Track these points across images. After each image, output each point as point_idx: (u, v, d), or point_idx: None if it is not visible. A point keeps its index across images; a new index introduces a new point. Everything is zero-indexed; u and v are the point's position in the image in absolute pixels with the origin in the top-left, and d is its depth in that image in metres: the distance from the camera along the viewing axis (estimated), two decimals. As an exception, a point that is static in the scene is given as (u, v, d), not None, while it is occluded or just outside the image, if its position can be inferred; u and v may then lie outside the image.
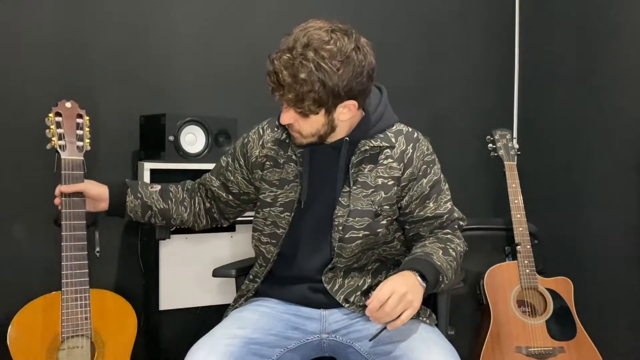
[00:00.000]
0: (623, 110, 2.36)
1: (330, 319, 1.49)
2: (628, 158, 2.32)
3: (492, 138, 2.30)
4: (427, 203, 1.50)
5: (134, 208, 1.58)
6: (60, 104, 1.56)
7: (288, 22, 2.42)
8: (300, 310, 1.51)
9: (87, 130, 1.58)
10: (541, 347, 2.04)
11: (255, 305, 1.53)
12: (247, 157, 1.54)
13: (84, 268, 1.56)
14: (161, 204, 1.60)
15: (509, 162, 2.24)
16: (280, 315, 1.49)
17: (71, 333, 1.55)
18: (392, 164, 1.46)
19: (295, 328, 1.48)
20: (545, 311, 2.11)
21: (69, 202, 1.55)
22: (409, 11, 2.67)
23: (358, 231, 1.44)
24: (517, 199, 2.19)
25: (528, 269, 2.12)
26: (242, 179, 1.56)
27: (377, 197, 1.45)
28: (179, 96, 2.22)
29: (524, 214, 2.18)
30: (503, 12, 2.91)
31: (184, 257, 2.06)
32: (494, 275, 2.13)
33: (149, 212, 1.60)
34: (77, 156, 1.56)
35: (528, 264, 2.13)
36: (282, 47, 1.32)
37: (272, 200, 1.49)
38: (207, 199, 1.65)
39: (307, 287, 1.50)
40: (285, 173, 1.48)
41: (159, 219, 1.62)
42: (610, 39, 2.42)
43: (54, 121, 1.54)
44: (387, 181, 1.46)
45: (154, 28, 2.18)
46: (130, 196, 1.58)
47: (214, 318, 2.20)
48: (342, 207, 1.44)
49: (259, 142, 1.52)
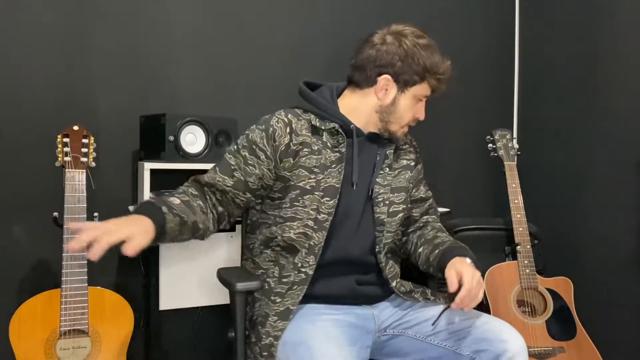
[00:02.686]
0: (623, 110, 2.36)
1: (381, 317, 1.54)
2: (628, 158, 2.32)
3: (492, 138, 2.31)
4: (420, 186, 1.69)
5: (174, 227, 1.36)
6: (68, 128, 1.75)
7: (288, 22, 2.44)
8: (354, 313, 1.51)
9: (91, 149, 1.76)
10: (541, 347, 2.04)
11: (316, 315, 1.47)
12: (274, 145, 1.48)
13: (83, 267, 1.66)
14: (191, 216, 1.42)
15: (509, 162, 2.25)
16: (344, 325, 1.47)
17: (69, 328, 1.65)
18: (406, 147, 1.65)
19: (357, 337, 1.47)
20: (545, 311, 2.10)
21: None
22: (409, 11, 2.67)
23: (398, 205, 1.57)
24: (517, 198, 2.19)
25: (528, 269, 2.12)
26: (267, 171, 1.48)
27: (406, 175, 1.61)
28: (179, 96, 2.23)
29: (524, 214, 2.18)
30: (503, 11, 2.91)
31: (184, 257, 2.06)
32: (494, 276, 2.13)
33: (183, 227, 1.40)
34: (80, 169, 1.74)
35: (528, 264, 2.13)
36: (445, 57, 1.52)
37: (312, 187, 1.47)
38: (217, 202, 1.53)
39: (355, 279, 1.52)
40: (324, 159, 1.49)
41: (188, 235, 1.43)
42: (611, 38, 2.42)
43: (62, 142, 1.73)
44: (408, 162, 1.63)
45: (154, 28, 2.19)
46: (169, 215, 1.35)
47: (214, 318, 2.22)
48: (382, 186, 1.55)
49: (287, 130, 1.49)
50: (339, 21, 2.52)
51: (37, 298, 1.66)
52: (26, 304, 1.65)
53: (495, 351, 1.37)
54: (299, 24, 2.45)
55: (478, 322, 1.44)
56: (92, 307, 1.68)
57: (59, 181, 1.79)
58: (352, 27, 2.55)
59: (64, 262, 1.64)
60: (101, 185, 2.05)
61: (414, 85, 1.49)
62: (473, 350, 1.41)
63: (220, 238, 2.12)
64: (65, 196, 1.67)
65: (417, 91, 1.50)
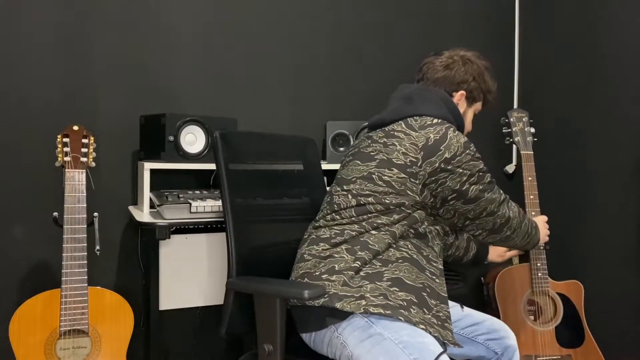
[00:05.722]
0: (623, 110, 2.36)
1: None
2: (628, 158, 2.32)
3: (507, 120, 2.07)
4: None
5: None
6: (68, 128, 1.73)
7: (288, 23, 2.44)
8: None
9: (91, 149, 1.74)
10: (549, 356, 1.97)
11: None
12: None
13: (83, 267, 1.66)
14: None
15: (526, 151, 2.02)
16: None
17: (69, 328, 1.65)
18: None
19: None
20: (555, 316, 2.01)
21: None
22: (409, 12, 2.67)
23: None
24: (533, 193, 2.00)
25: (540, 272, 2.00)
26: None
27: None
28: (179, 96, 2.23)
29: (539, 211, 2.00)
30: (503, 11, 2.91)
31: (184, 257, 2.06)
32: (504, 279, 2.02)
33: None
34: (80, 169, 1.72)
35: (541, 267, 2.00)
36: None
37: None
38: None
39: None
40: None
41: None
42: (610, 38, 2.42)
43: (62, 142, 1.71)
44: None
45: (154, 28, 2.19)
46: None
47: (213, 318, 2.22)
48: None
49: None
50: (339, 22, 2.52)
51: (37, 298, 1.66)
52: (26, 304, 1.65)
53: (504, 342, 1.57)
54: (299, 24, 2.45)
55: (485, 317, 1.62)
56: (92, 307, 1.69)
57: (59, 181, 1.79)
58: (352, 28, 2.55)
59: (64, 262, 1.64)
60: (101, 185, 2.06)
61: (477, 102, 1.62)
62: (486, 339, 1.58)
63: (220, 238, 2.12)
64: (65, 196, 1.67)
65: (477, 107, 1.63)
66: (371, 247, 1.35)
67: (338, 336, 1.30)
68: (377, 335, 1.26)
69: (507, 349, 1.56)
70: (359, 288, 1.30)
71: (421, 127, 1.40)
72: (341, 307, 1.28)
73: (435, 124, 1.40)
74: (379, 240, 1.36)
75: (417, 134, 1.38)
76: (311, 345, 1.39)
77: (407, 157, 1.37)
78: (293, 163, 1.74)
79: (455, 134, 1.39)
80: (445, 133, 1.38)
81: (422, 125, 1.40)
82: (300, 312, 1.37)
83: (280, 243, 1.59)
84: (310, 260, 1.40)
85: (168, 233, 1.82)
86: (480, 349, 1.57)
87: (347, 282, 1.31)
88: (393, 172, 1.37)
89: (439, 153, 1.35)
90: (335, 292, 1.30)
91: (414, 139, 1.38)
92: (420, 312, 1.30)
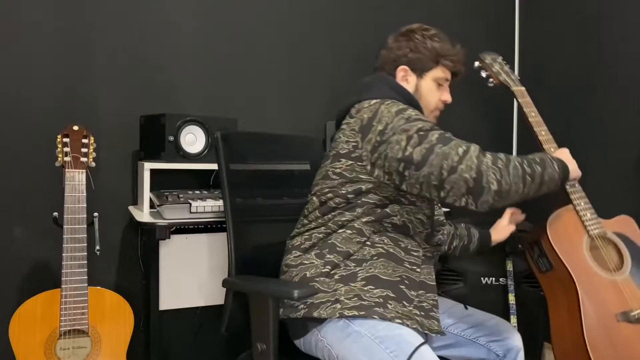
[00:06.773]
0: (623, 109, 2.36)
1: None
2: (628, 158, 2.32)
3: (480, 64, 1.81)
4: None
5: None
6: (68, 128, 1.72)
7: (288, 23, 2.44)
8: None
9: (91, 149, 1.74)
10: None
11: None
12: None
13: (83, 267, 1.66)
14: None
15: (518, 87, 1.75)
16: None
17: (69, 327, 1.66)
18: None
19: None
20: (623, 262, 1.64)
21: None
22: (409, 11, 2.67)
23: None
24: (543, 130, 1.70)
25: (588, 212, 1.64)
26: None
27: None
28: (179, 96, 2.23)
29: (556, 146, 1.69)
30: (503, 11, 2.91)
31: (184, 257, 2.06)
32: (556, 227, 1.63)
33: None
34: (80, 169, 1.72)
35: (586, 206, 1.64)
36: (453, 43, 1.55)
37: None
38: None
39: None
40: None
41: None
42: (611, 38, 2.42)
43: (62, 142, 1.71)
44: None
45: (154, 28, 2.19)
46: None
47: (213, 318, 2.22)
48: None
49: None
50: (338, 21, 2.52)
51: (37, 298, 1.66)
52: (26, 304, 1.65)
53: (507, 344, 1.55)
54: (299, 24, 2.45)
55: (488, 317, 1.59)
56: (92, 307, 1.69)
57: (59, 181, 1.79)
58: (352, 27, 2.55)
59: (64, 262, 1.64)
60: (101, 185, 2.06)
61: (430, 70, 1.53)
62: (488, 340, 1.55)
63: (220, 238, 2.12)
64: (65, 196, 1.67)
65: (435, 75, 1.53)
66: (339, 249, 1.35)
67: (322, 339, 1.31)
68: (355, 334, 1.26)
69: (510, 351, 1.55)
70: (334, 292, 1.31)
71: (357, 111, 1.40)
72: (318, 315, 1.29)
73: (372, 104, 1.38)
74: (346, 240, 1.35)
75: (355, 119, 1.38)
76: (302, 349, 1.40)
77: (349, 144, 1.37)
78: (300, 163, 1.74)
79: (386, 105, 1.35)
80: (377, 109, 1.35)
81: (358, 109, 1.40)
82: (289, 320, 1.39)
83: (280, 243, 1.59)
84: (287, 271, 1.41)
85: (168, 233, 1.82)
86: (482, 352, 1.55)
87: (320, 288, 1.32)
88: (342, 162, 1.37)
89: (372, 129, 1.33)
90: (311, 302, 1.31)
91: (352, 125, 1.38)
92: (398, 305, 1.29)
